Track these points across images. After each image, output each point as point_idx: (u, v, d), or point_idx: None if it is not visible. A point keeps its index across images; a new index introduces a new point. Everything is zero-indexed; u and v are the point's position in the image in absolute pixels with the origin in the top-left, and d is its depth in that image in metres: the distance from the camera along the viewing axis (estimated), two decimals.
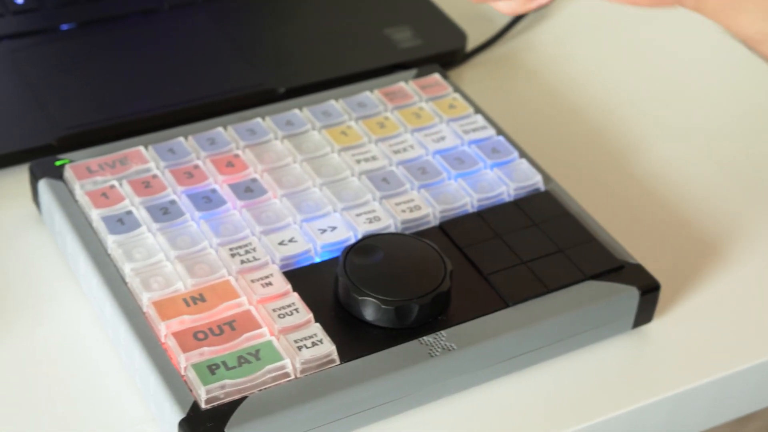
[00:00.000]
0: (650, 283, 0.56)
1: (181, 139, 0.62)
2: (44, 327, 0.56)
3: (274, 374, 0.50)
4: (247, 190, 0.59)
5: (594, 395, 0.55)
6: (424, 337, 0.53)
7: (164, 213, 0.57)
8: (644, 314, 0.57)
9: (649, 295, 0.56)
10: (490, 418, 0.53)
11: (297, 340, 0.51)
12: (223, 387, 0.49)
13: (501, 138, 0.63)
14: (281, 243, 0.56)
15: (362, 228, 0.57)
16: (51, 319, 0.56)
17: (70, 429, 0.52)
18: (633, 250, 0.60)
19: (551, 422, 0.53)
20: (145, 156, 0.60)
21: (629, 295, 0.56)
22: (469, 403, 0.54)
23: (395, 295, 0.53)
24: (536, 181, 0.61)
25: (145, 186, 0.59)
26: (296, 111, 0.64)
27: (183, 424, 0.48)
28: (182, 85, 0.68)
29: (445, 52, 0.73)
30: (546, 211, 0.60)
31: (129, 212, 0.57)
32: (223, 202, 0.58)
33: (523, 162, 0.62)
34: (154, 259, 0.55)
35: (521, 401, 0.54)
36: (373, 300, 0.53)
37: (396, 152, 0.62)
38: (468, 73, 0.73)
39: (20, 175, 0.64)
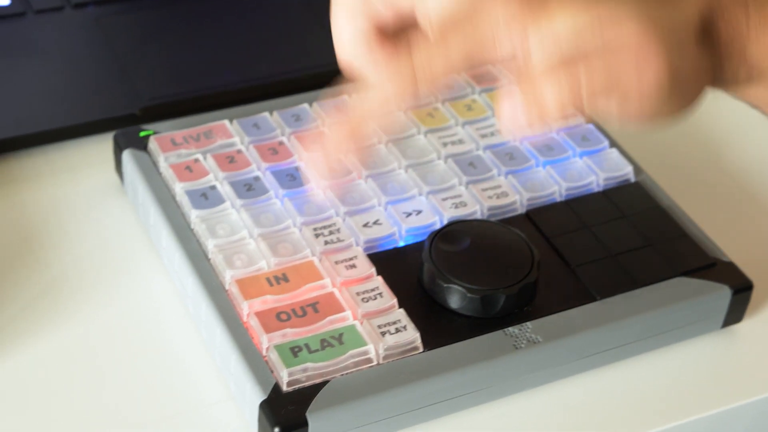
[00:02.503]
0: (743, 282, 0.55)
1: (266, 114, 0.61)
2: (123, 299, 0.56)
3: (356, 359, 0.49)
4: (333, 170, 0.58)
5: (679, 395, 0.53)
6: (509, 328, 0.52)
7: (248, 189, 0.56)
8: (735, 314, 0.55)
9: (741, 295, 0.55)
10: (571, 413, 0.52)
11: (380, 325, 0.51)
12: (305, 370, 0.49)
13: (591, 126, 0.62)
14: (365, 225, 0.55)
15: (448, 213, 0.56)
16: (130, 292, 0.56)
17: (146, 404, 0.51)
18: (725, 247, 0.58)
19: (634, 421, 0.52)
20: (229, 130, 0.60)
21: (721, 294, 0.54)
22: (552, 398, 0.53)
23: (482, 284, 0.52)
24: (627, 171, 0.60)
25: (230, 161, 0.58)
26: None
27: (264, 405, 0.48)
28: (266, 60, 0.67)
29: None
30: (636, 203, 0.58)
31: (213, 187, 0.56)
32: (307, 180, 0.57)
33: (614, 151, 0.61)
34: (238, 236, 0.54)
35: (604, 398, 0.53)
36: (459, 288, 0.52)
37: (483, 136, 0.61)
38: None
39: (102, 144, 0.63)
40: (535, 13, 0.45)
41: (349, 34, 0.51)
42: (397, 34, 0.51)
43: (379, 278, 0.53)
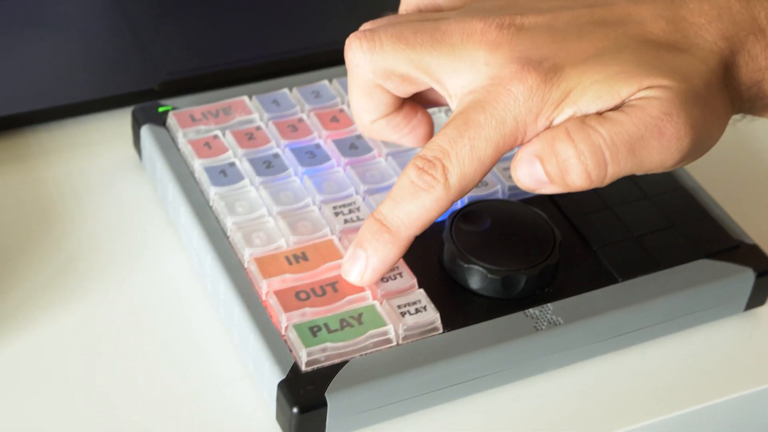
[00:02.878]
0: (766, 264, 0.54)
1: (286, 90, 0.60)
2: (140, 276, 0.55)
3: (376, 339, 0.49)
4: (352, 147, 0.57)
5: (701, 378, 0.53)
6: (530, 310, 0.51)
7: (267, 166, 0.56)
8: (758, 297, 0.55)
9: (764, 278, 0.54)
10: (592, 395, 0.52)
11: (400, 305, 0.50)
12: (324, 350, 0.48)
13: None
14: None
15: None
16: (147, 269, 0.56)
17: (163, 381, 0.51)
18: (749, 230, 0.57)
19: (655, 404, 0.52)
20: (248, 106, 0.59)
21: (744, 277, 0.54)
22: (572, 380, 0.52)
23: (502, 265, 0.51)
24: None
25: (249, 138, 0.57)
26: None
27: (282, 385, 0.47)
28: (287, 35, 0.67)
29: None
30: (659, 184, 0.58)
31: (232, 164, 0.56)
32: (327, 158, 0.57)
33: None
34: (257, 213, 0.54)
35: (625, 380, 0.52)
36: (480, 268, 0.51)
37: None
38: None
39: (120, 118, 0.63)
40: (552, 83, 0.46)
41: (368, 119, 0.52)
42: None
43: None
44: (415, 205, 0.48)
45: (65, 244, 0.56)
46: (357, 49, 0.49)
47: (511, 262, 0.51)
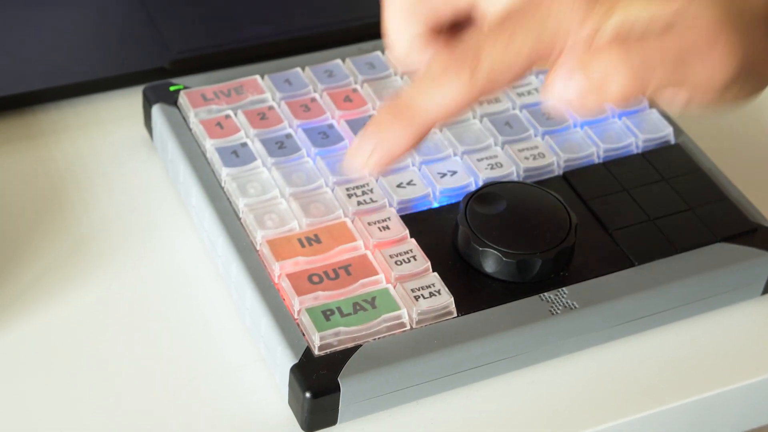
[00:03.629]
0: None
1: (298, 69, 0.60)
2: (151, 257, 0.55)
3: (389, 323, 0.49)
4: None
5: (718, 363, 0.52)
6: (545, 294, 0.51)
7: (280, 147, 0.55)
8: None
9: None
10: (607, 380, 0.51)
11: (414, 289, 0.50)
12: (337, 334, 0.48)
13: None
14: (399, 185, 0.54)
15: (483, 174, 0.55)
16: (158, 250, 0.55)
17: (174, 364, 0.51)
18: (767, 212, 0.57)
19: (671, 389, 0.51)
20: (261, 86, 0.58)
21: (762, 261, 0.53)
22: (588, 364, 0.52)
23: (518, 248, 0.51)
24: (667, 133, 0.58)
25: (261, 117, 0.57)
26: None
27: (295, 369, 0.47)
28: (299, 13, 0.66)
29: None
30: (676, 166, 0.57)
31: (244, 144, 0.55)
32: (340, 138, 0.56)
33: (654, 112, 0.59)
34: (269, 195, 0.53)
35: (641, 365, 0.52)
36: (495, 252, 0.50)
37: (520, 95, 0.59)
38: None
39: (131, 97, 0.62)
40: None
41: (404, 40, 0.49)
42: (453, 31, 0.49)
43: (413, 241, 0.52)
44: (438, 90, 0.44)
45: (76, 224, 0.56)
46: None
47: (527, 246, 0.51)
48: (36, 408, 0.49)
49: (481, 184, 0.55)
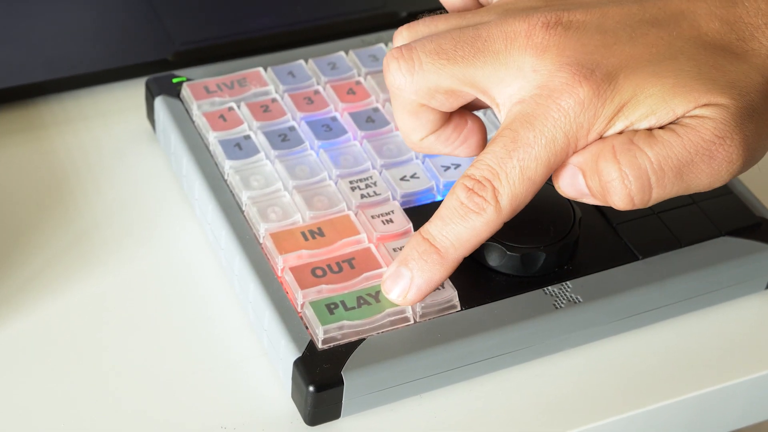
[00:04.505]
0: None
1: (302, 62, 0.59)
2: (154, 249, 0.55)
3: (393, 318, 0.48)
4: (369, 120, 0.56)
5: (722, 357, 0.52)
6: (549, 287, 0.51)
7: (283, 140, 0.55)
8: None
9: None
10: (611, 374, 0.51)
11: None
12: (340, 328, 0.48)
13: None
14: (403, 178, 0.54)
15: None
16: (161, 242, 0.55)
17: (176, 358, 0.50)
18: None
19: (676, 383, 0.51)
20: (264, 78, 0.58)
21: (767, 255, 0.53)
22: (591, 358, 0.52)
23: (521, 242, 0.50)
24: None
25: (264, 110, 0.57)
26: None
27: (298, 363, 0.47)
28: (303, 5, 0.66)
29: None
30: None
31: (247, 137, 0.55)
32: (343, 131, 0.56)
33: None
34: (272, 188, 0.53)
35: (645, 359, 0.52)
36: (498, 245, 0.50)
37: None
38: None
39: (134, 89, 0.62)
40: (605, 96, 0.44)
41: (417, 137, 0.50)
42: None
43: None
44: (465, 226, 0.46)
45: (78, 216, 0.56)
46: (396, 72, 0.47)
47: (531, 240, 0.51)
48: (38, 401, 0.49)
49: None
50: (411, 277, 0.47)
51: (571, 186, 0.45)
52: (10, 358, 0.50)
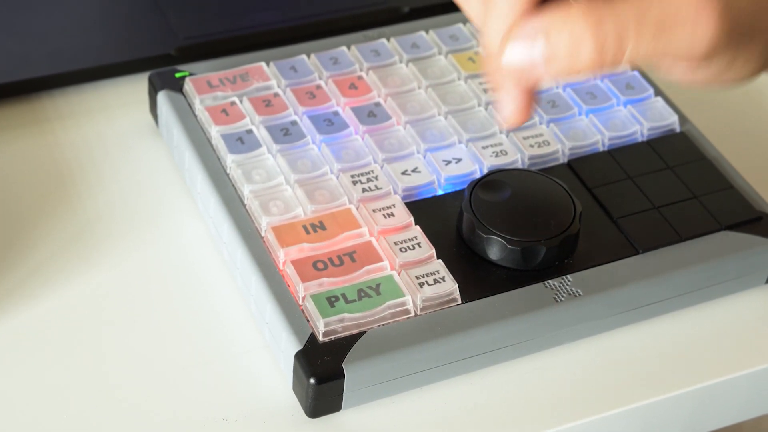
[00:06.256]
0: None
1: (304, 56, 0.60)
2: (156, 243, 0.55)
3: (393, 310, 0.49)
4: (370, 115, 0.57)
5: (722, 351, 0.52)
6: (550, 281, 0.51)
7: (285, 134, 0.55)
8: None
9: None
10: (611, 367, 0.51)
11: (418, 276, 0.50)
12: (341, 320, 0.48)
13: (636, 73, 0.60)
14: (404, 173, 0.54)
15: (488, 162, 0.55)
16: (164, 236, 0.55)
17: (178, 350, 0.51)
18: None
19: (676, 376, 0.51)
20: (266, 73, 0.58)
21: (767, 249, 0.53)
22: (592, 352, 0.52)
23: (522, 235, 0.51)
24: (672, 121, 0.58)
25: (266, 104, 0.57)
26: (422, 33, 0.61)
27: (300, 355, 0.47)
28: (305, 0, 0.66)
29: None
30: (681, 154, 0.57)
31: (249, 131, 0.55)
32: (345, 125, 0.56)
33: (659, 100, 0.59)
34: (274, 182, 0.53)
35: (645, 353, 0.52)
36: (499, 239, 0.51)
37: None
38: None
39: (137, 84, 0.62)
40: None
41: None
42: None
43: (417, 228, 0.52)
44: (575, 61, 0.40)
45: (81, 210, 0.56)
46: None
47: (531, 233, 0.51)
48: (40, 392, 0.49)
49: (485, 171, 0.55)
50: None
51: (524, 49, 0.40)
52: (13, 349, 0.50)
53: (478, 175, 0.54)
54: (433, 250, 0.51)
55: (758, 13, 0.42)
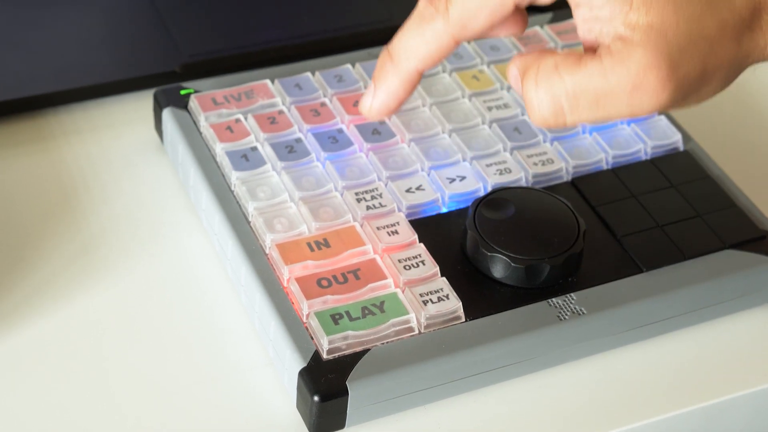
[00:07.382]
0: None
1: (308, 74, 0.60)
2: (161, 260, 0.55)
3: (397, 328, 0.49)
4: (375, 133, 0.57)
5: (726, 369, 0.52)
6: (554, 299, 0.51)
7: (290, 151, 0.56)
8: None
9: None
10: (614, 386, 0.51)
11: (422, 293, 0.50)
12: (345, 338, 0.48)
13: None
14: (408, 190, 0.54)
15: (492, 180, 0.55)
16: (168, 252, 0.55)
17: (182, 367, 0.51)
18: None
19: (679, 395, 0.51)
20: (271, 90, 0.59)
21: None
22: (595, 370, 0.52)
23: (526, 254, 0.51)
24: (675, 140, 0.58)
25: (271, 122, 0.57)
26: None
27: (303, 373, 0.47)
28: (310, 17, 0.66)
29: None
30: (684, 173, 0.57)
31: (254, 148, 0.56)
32: (349, 143, 0.56)
33: (662, 119, 0.59)
34: (279, 199, 0.53)
35: (649, 371, 0.52)
36: (503, 257, 0.51)
37: None
38: None
39: (142, 101, 0.62)
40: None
41: None
42: None
43: (422, 245, 0.52)
44: (416, 34, 0.47)
45: (86, 226, 0.56)
46: None
47: (535, 251, 0.51)
48: (43, 409, 0.49)
49: (489, 189, 0.55)
50: (374, 87, 0.49)
51: (516, 84, 0.46)
52: (18, 365, 0.50)
53: (482, 193, 0.54)
54: (437, 268, 0.51)
55: (705, 73, 0.44)
